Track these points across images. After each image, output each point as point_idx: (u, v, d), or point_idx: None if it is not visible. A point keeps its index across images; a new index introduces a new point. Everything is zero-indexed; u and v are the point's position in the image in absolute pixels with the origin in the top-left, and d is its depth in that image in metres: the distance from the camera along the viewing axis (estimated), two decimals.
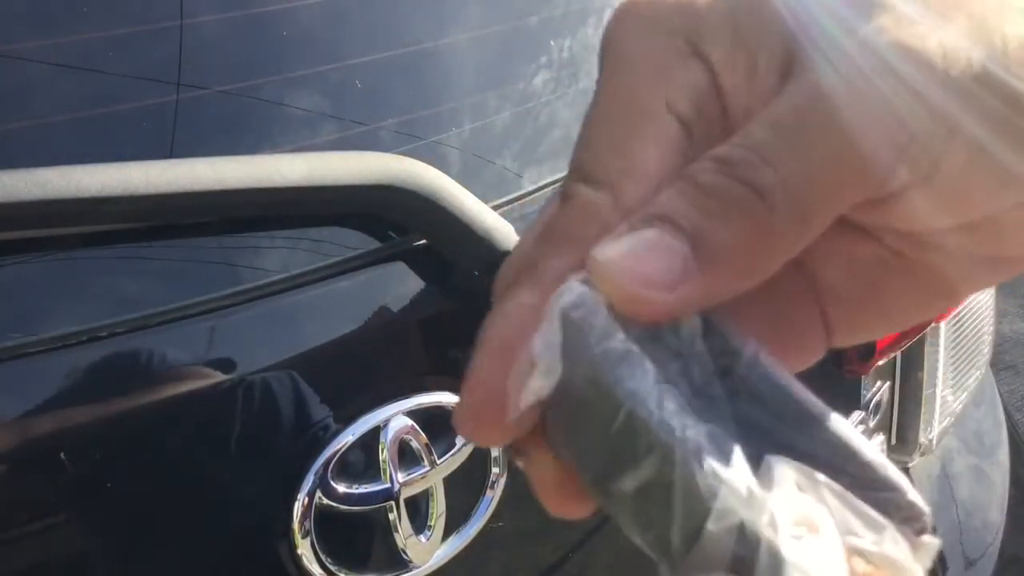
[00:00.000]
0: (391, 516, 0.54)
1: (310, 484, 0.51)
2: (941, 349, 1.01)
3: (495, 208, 0.56)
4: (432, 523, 0.56)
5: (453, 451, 0.56)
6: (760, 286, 0.22)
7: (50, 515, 0.46)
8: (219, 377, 0.50)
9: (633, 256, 0.19)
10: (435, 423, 0.56)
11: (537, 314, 0.21)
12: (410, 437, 0.54)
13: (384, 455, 0.53)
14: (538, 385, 0.20)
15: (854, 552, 0.19)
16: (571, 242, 0.21)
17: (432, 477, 0.55)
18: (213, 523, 0.51)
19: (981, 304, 1.09)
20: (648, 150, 0.22)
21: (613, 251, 0.20)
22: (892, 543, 0.19)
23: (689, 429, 0.18)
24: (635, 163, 0.22)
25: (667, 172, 0.22)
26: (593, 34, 0.73)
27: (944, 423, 1.04)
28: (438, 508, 0.56)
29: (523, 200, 0.62)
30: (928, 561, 0.19)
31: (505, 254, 0.53)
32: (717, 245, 0.19)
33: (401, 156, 0.54)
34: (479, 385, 0.22)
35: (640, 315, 0.20)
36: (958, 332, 1.05)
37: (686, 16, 0.23)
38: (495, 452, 0.59)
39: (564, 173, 0.23)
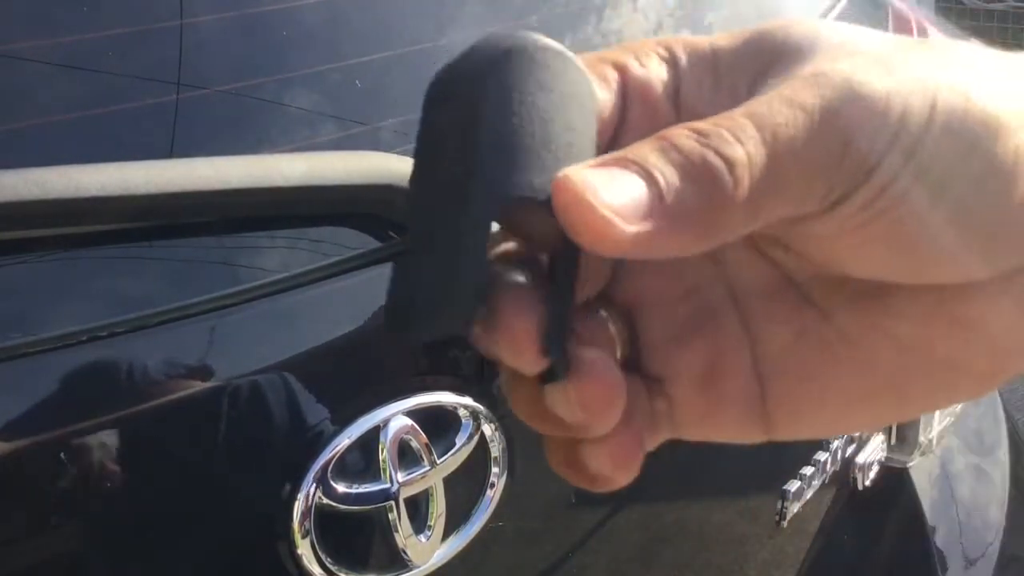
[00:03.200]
0: (391, 516, 0.54)
1: (310, 484, 0.51)
2: None
3: None
4: (432, 523, 0.56)
5: (453, 451, 0.56)
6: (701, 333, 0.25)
7: (50, 515, 0.46)
8: (219, 377, 0.50)
9: (605, 184, 0.21)
10: (435, 423, 0.56)
11: None
12: (410, 437, 0.54)
13: (384, 455, 0.53)
14: None
15: None
16: None
17: (432, 477, 0.55)
18: (212, 523, 0.51)
19: None
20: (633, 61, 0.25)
21: (585, 174, 0.21)
22: None
23: None
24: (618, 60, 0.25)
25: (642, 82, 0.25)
26: (593, 32, 0.73)
27: (944, 423, 1.04)
28: (438, 508, 0.56)
29: None
30: None
31: None
32: (683, 203, 0.21)
33: (401, 156, 0.54)
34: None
35: (594, 241, 0.21)
36: None
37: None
38: (495, 452, 0.59)
39: None
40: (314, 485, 0.51)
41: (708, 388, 0.26)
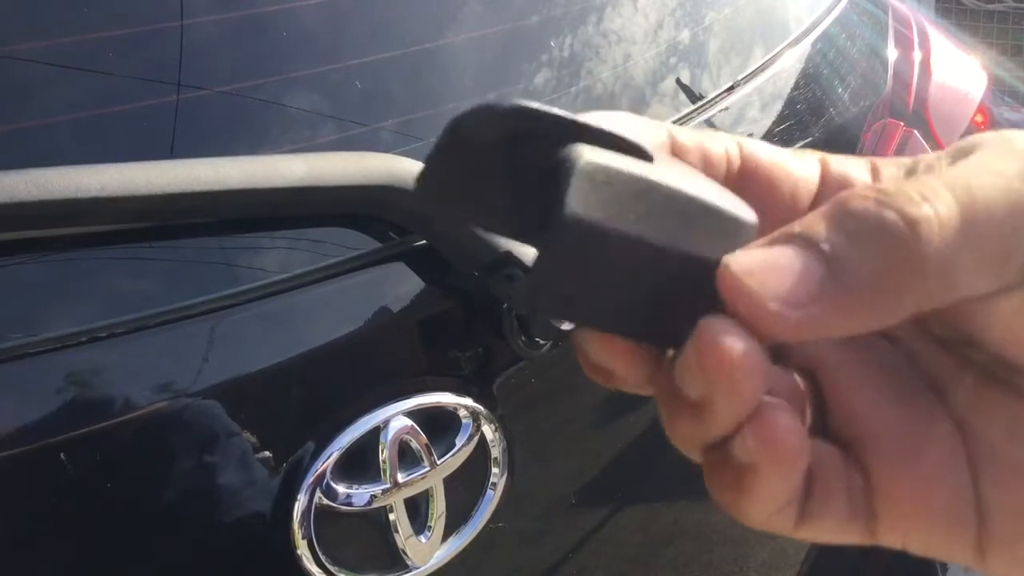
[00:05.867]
0: (391, 517, 0.54)
1: (309, 485, 0.51)
2: None
3: None
4: (432, 524, 0.56)
5: (453, 451, 0.56)
6: (910, 428, 0.22)
7: (50, 515, 0.46)
8: (219, 378, 0.50)
9: (766, 268, 0.20)
10: (435, 423, 0.56)
11: None
12: (410, 437, 0.54)
13: (384, 455, 0.53)
14: None
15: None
16: None
17: (432, 477, 0.55)
18: (212, 524, 0.51)
19: None
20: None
21: (746, 260, 0.20)
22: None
23: None
24: None
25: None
26: (594, 32, 0.73)
27: None
28: (438, 509, 0.56)
29: None
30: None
31: (505, 254, 0.53)
32: (853, 270, 0.19)
33: (401, 156, 0.54)
34: None
35: (761, 329, 0.20)
36: None
37: None
38: (495, 453, 0.59)
39: None
40: (314, 486, 0.51)
41: (911, 462, 0.22)
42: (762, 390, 0.20)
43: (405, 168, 0.52)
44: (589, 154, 0.21)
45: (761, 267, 0.20)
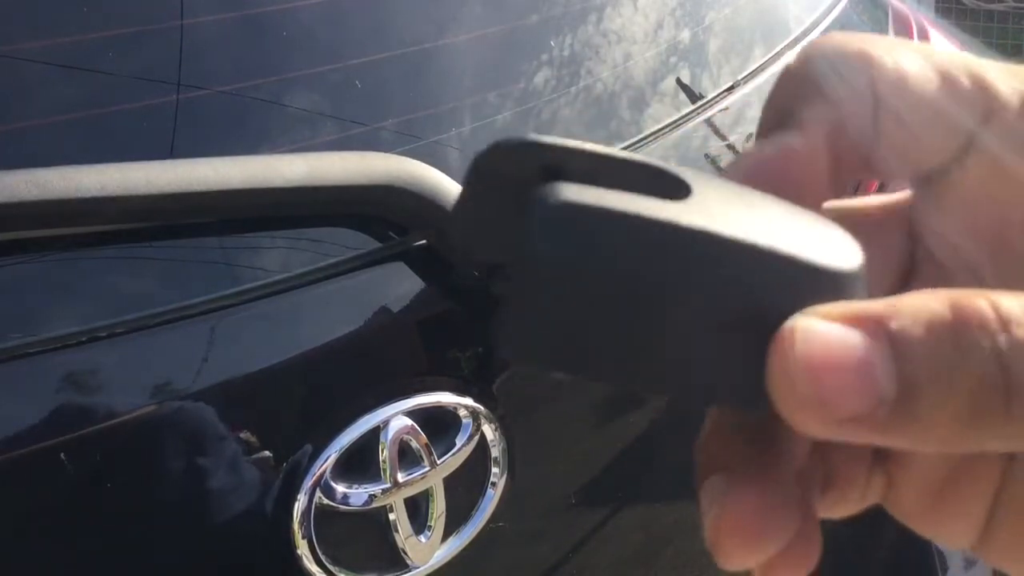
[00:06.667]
0: (391, 516, 0.54)
1: (309, 484, 0.51)
2: None
3: None
4: (432, 523, 0.56)
5: (453, 451, 0.56)
6: None
7: (49, 515, 0.46)
8: (218, 377, 0.50)
9: (831, 365, 0.16)
10: (435, 423, 0.56)
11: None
12: (410, 437, 0.54)
13: (384, 455, 0.53)
14: None
15: None
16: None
17: (432, 477, 0.55)
18: (211, 524, 0.51)
19: None
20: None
21: (816, 338, 0.17)
22: None
23: None
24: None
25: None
26: (594, 32, 0.73)
27: None
28: (438, 508, 0.56)
29: None
30: None
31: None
32: (923, 411, 0.16)
33: (401, 156, 0.54)
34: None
35: (795, 425, 0.17)
36: None
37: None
38: (495, 453, 0.59)
39: None
40: (314, 486, 0.51)
41: (936, 488, 0.21)
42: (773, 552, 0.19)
43: (405, 168, 0.52)
44: (564, 192, 0.18)
45: (828, 357, 0.16)
